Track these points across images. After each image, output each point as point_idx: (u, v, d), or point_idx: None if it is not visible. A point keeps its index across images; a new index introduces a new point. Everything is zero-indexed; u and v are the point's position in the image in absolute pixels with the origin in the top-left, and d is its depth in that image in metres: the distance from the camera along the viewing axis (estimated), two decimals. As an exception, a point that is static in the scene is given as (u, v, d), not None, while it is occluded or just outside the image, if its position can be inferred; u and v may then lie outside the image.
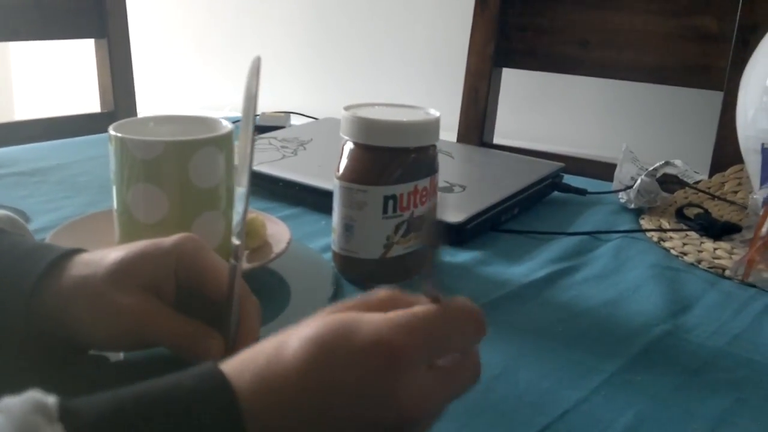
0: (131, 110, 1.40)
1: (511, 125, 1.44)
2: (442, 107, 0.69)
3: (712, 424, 0.47)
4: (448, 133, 1.24)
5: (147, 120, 0.65)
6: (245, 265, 0.62)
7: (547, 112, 1.62)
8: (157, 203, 0.58)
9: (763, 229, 0.72)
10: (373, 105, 0.68)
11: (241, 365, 0.32)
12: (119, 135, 0.58)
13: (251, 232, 0.64)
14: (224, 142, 0.60)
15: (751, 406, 0.49)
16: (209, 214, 0.60)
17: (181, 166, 0.58)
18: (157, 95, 2.09)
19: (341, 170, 0.64)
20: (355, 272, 0.65)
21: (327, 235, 0.68)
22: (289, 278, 0.65)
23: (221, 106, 1.82)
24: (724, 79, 1.12)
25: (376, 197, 0.62)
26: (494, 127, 1.35)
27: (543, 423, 0.46)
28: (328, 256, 0.68)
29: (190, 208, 0.59)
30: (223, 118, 0.65)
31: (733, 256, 0.74)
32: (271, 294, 0.63)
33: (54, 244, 0.50)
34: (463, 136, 1.32)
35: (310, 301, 0.61)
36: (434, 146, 0.66)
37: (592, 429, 0.46)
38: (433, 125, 0.65)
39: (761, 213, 0.73)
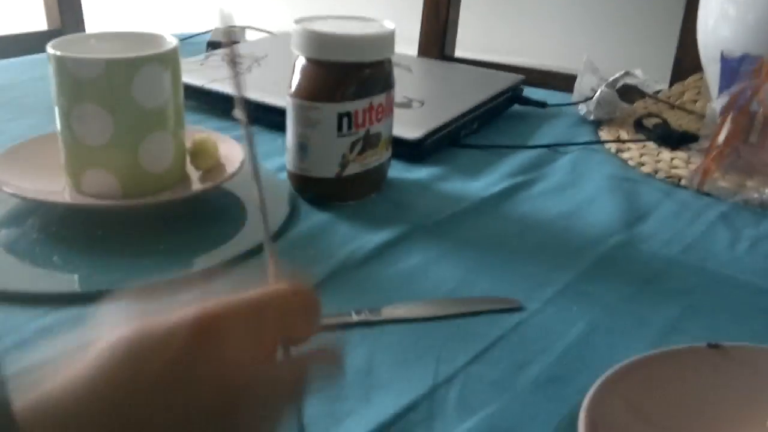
0: (79, 27, 1.35)
1: (473, 37, 1.42)
2: (402, 19, 0.67)
3: (663, 331, 0.48)
4: (409, 46, 1.22)
5: (88, 37, 0.62)
6: (198, 186, 0.61)
7: (508, 24, 1.59)
8: (101, 125, 0.56)
9: (720, 138, 0.72)
10: (326, 18, 0.65)
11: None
12: (58, 53, 0.56)
13: (203, 153, 0.63)
14: (169, 59, 0.58)
15: (701, 313, 0.50)
16: (157, 134, 0.58)
17: (124, 85, 0.55)
18: (109, 12, 2.01)
19: (293, 87, 0.62)
20: (311, 191, 0.64)
21: (282, 154, 0.67)
22: (244, 199, 0.64)
23: (177, 25, 1.76)
24: (686, -14, 1.10)
25: (329, 115, 0.61)
26: (455, 40, 1.32)
27: (496, 335, 0.47)
28: (284, 175, 0.66)
29: (136, 129, 0.57)
30: (170, 33, 0.62)
31: (689, 165, 0.74)
32: (226, 215, 0.62)
33: None
34: (424, 49, 1.29)
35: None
36: (389, 60, 0.64)
37: (545, 339, 0.47)
38: (387, 38, 0.63)
39: (718, 122, 0.73)
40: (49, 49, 0.56)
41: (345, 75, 0.61)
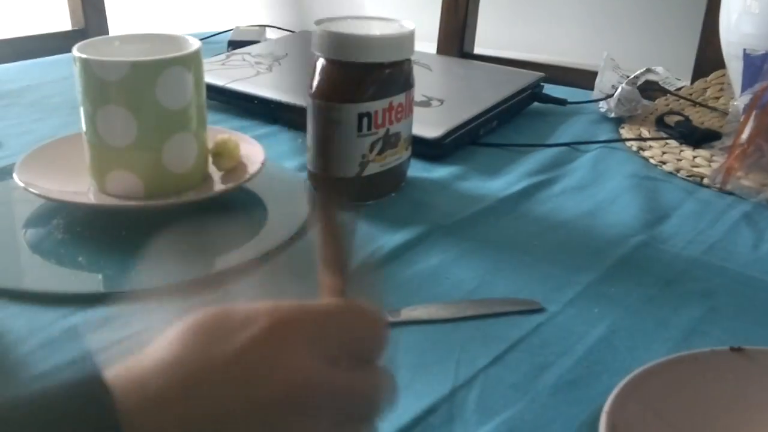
0: (102, 27, 1.36)
1: (492, 34, 1.41)
2: (421, 16, 0.67)
3: (684, 334, 0.48)
4: (428, 44, 1.22)
5: (112, 39, 0.63)
6: (220, 186, 0.62)
7: (528, 21, 1.58)
8: (125, 126, 0.57)
9: (743, 136, 0.71)
10: (346, 18, 0.65)
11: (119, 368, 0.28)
12: (83, 56, 0.56)
13: (225, 153, 0.63)
14: (192, 61, 0.58)
15: (723, 315, 0.50)
16: (180, 136, 0.59)
17: (148, 87, 0.56)
18: (132, 11, 2.03)
19: (314, 87, 0.62)
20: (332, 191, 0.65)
21: (304, 153, 0.67)
22: (266, 199, 0.64)
23: (198, 23, 1.77)
24: (709, -19, 1.09)
25: (350, 115, 0.61)
26: (474, 37, 1.32)
27: (517, 336, 0.47)
28: (305, 175, 0.67)
29: (159, 130, 0.58)
30: (190, 35, 0.63)
31: (712, 163, 0.74)
32: (248, 215, 0.62)
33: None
34: (443, 47, 1.29)
35: (287, 222, 0.61)
36: (409, 60, 0.64)
37: (566, 341, 0.47)
38: (407, 39, 0.63)
39: (741, 120, 0.72)
40: (75, 51, 0.57)
41: (365, 75, 0.61)
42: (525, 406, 0.41)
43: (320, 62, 0.63)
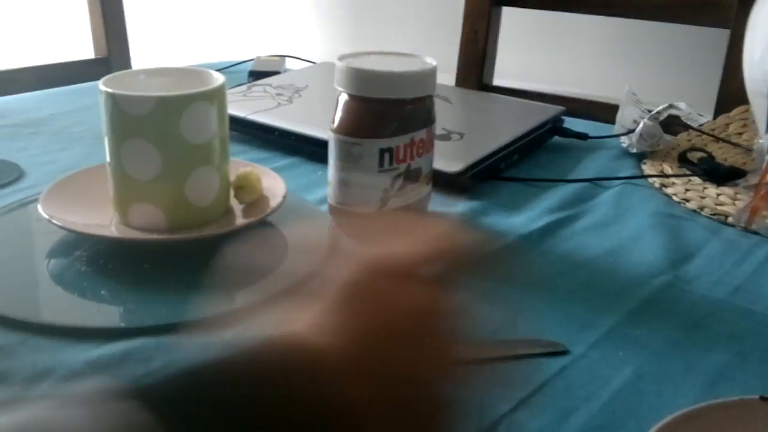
0: (125, 56, 1.38)
1: (512, 65, 1.42)
2: (440, 48, 0.67)
3: (712, 378, 0.47)
4: (447, 75, 1.22)
5: (138, 73, 0.64)
6: (242, 220, 0.62)
7: (548, 52, 1.59)
8: (149, 160, 0.57)
9: None
10: (368, 54, 0.66)
11: None
12: (109, 90, 0.57)
13: (247, 187, 0.63)
14: (216, 96, 0.59)
15: (751, 360, 0.49)
16: (203, 169, 0.59)
17: (172, 122, 0.56)
18: (154, 40, 2.05)
19: (336, 123, 0.63)
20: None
21: (324, 186, 0.67)
22: (285, 232, 0.64)
23: (219, 52, 1.79)
24: (731, 17, 1.09)
25: (371, 150, 0.61)
26: (494, 68, 1.32)
27: (541, 380, 0.46)
28: (326, 207, 0.67)
29: (183, 164, 0.58)
30: (211, 64, 0.63)
31: (736, 202, 0.73)
32: (268, 249, 0.62)
33: None
34: (462, 79, 1.29)
35: (307, 257, 0.60)
36: (431, 96, 0.64)
37: (591, 385, 0.46)
38: (429, 75, 0.63)
39: (767, 158, 0.72)
40: (101, 86, 0.57)
41: (387, 111, 0.62)
42: (550, 453, 0.40)
43: (342, 97, 0.63)
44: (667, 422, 0.39)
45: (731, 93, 1.02)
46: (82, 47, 1.39)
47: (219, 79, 0.60)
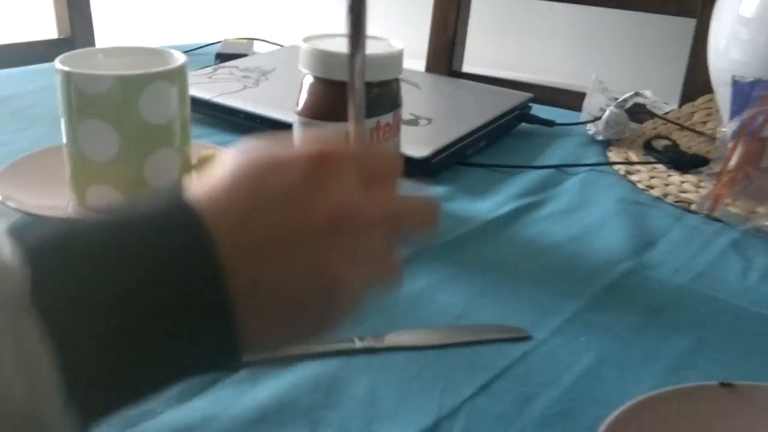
0: (89, 35, 1.34)
1: (482, 52, 1.41)
2: (410, 33, 0.66)
3: (673, 364, 0.47)
4: (418, 61, 1.21)
5: (96, 52, 0.62)
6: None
7: (517, 40, 1.59)
8: (107, 141, 0.56)
9: (731, 163, 0.71)
10: (334, 36, 0.65)
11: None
12: (65, 69, 0.55)
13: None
14: (177, 76, 0.58)
15: (712, 346, 0.49)
16: (163, 151, 0.58)
17: (131, 102, 0.55)
18: (120, 21, 2.01)
19: (300, 105, 0.61)
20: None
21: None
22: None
23: (187, 34, 1.76)
24: (697, 6, 1.09)
25: (336, 133, 0.60)
26: (463, 55, 1.32)
27: (502, 365, 0.46)
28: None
29: (142, 145, 0.57)
30: (179, 46, 0.62)
31: (700, 189, 0.73)
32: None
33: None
34: (432, 64, 1.28)
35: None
36: (397, 80, 0.63)
37: (552, 371, 0.46)
38: (396, 58, 0.62)
39: (730, 146, 0.72)
40: (57, 64, 0.56)
41: (353, 94, 0.61)
42: (511, 438, 0.40)
43: (307, 79, 0.62)
44: (628, 408, 0.39)
45: (696, 82, 1.03)
46: (46, 27, 1.36)
47: (180, 59, 0.59)
